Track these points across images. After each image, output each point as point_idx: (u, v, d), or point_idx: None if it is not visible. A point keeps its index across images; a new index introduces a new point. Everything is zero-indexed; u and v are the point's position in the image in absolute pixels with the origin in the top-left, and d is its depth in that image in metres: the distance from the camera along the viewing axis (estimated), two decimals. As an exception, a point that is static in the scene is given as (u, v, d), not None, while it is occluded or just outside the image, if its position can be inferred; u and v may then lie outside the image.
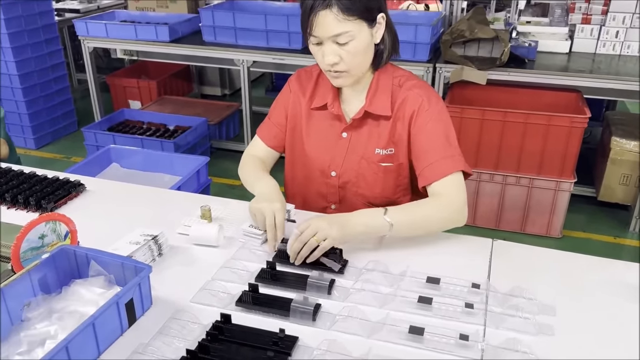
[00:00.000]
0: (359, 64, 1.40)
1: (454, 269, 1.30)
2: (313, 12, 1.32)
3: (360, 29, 1.35)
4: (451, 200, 1.40)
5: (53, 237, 1.27)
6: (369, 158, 1.53)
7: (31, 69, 4.02)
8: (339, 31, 1.32)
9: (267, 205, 1.38)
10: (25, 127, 4.12)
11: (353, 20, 1.32)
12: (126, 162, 2.61)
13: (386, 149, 1.51)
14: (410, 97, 1.47)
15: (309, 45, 1.40)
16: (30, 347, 1.05)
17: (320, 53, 1.38)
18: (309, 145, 1.59)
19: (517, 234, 3.04)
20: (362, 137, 1.53)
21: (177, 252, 1.39)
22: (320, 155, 1.58)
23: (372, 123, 1.51)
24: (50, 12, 4.16)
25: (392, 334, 1.10)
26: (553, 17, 3.48)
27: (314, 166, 1.60)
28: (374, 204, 1.59)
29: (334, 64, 1.37)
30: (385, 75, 1.49)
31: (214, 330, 1.09)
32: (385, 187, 1.56)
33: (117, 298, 1.07)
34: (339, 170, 1.57)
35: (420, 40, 2.97)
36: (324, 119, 1.57)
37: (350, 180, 1.57)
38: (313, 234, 1.28)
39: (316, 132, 1.58)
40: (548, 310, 1.17)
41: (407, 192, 1.60)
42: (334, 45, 1.35)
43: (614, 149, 3.10)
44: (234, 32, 3.47)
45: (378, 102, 1.48)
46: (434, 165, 1.42)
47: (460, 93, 3.03)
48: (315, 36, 1.35)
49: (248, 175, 1.59)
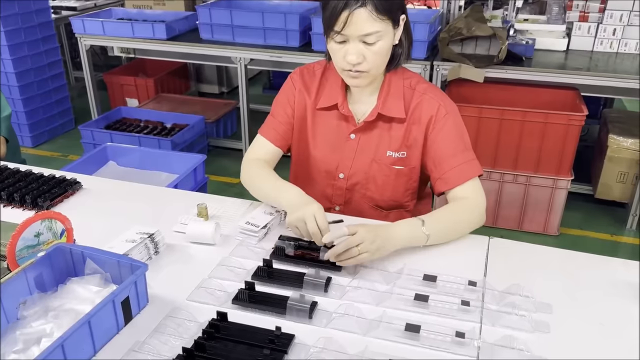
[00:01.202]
0: (380, 65, 1.40)
1: (451, 267, 1.30)
2: (346, 10, 1.28)
3: (387, 30, 1.34)
4: (477, 203, 1.44)
5: (49, 235, 1.27)
6: (380, 160, 1.52)
7: (28, 67, 4.01)
8: (370, 30, 1.30)
9: (304, 211, 1.30)
10: (22, 125, 4.10)
11: (384, 19, 1.31)
12: (123, 160, 2.60)
13: (398, 152, 1.50)
14: (425, 101, 1.47)
15: (329, 42, 1.37)
16: (26, 345, 1.05)
17: (343, 52, 1.35)
18: (314, 146, 1.57)
19: (514, 232, 3.05)
20: (372, 139, 1.52)
21: (173, 250, 1.39)
22: (326, 157, 1.56)
23: (384, 125, 1.50)
24: (47, 10, 4.15)
25: (388, 332, 1.10)
26: (550, 15, 3.48)
27: (319, 167, 1.58)
28: (381, 207, 1.59)
29: (357, 64, 1.35)
30: (396, 77, 1.48)
31: (210, 329, 1.09)
32: (396, 190, 1.55)
33: (113, 296, 1.07)
34: (348, 172, 1.55)
35: (418, 38, 2.97)
36: (330, 120, 1.54)
37: (359, 182, 1.56)
38: (358, 243, 1.23)
39: (322, 132, 1.56)
40: (544, 308, 1.17)
41: (414, 196, 1.60)
42: (360, 45, 1.33)
43: (611, 147, 3.11)
44: (231, 30, 3.46)
45: (391, 105, 1.47)
46: (455, 170, 1.44)
47: (457, 91, 3.02)
48: (343, 34, 1.32)
49: (262, 185, 1.49)
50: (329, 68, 1.55)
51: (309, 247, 1.34)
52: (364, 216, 1.57)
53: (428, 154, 1.49)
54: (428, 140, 1.48)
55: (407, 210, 1.62)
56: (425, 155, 1.50)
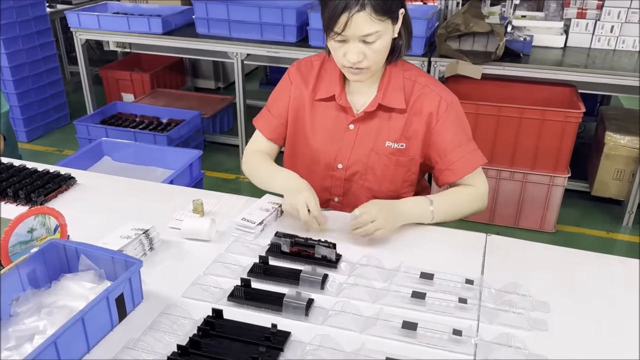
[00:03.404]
0: (380, 61, 1.42)
1: (448, 264, 1.30)
2: (345, 13, 1.29)
3: (387, 28, 1.35)
4: (482, 191, 1.53)
5: (42, 231, 1.26)
6: (379, 150, 1.53)
7: (22, 61, 3.98)
8: (370, 31, 1.32)
9: (295, 198, 1.39)
10: (16, 119, 4.07)
11: (383, 20, 1.32)
12: (118, 155, 2.58)
13: (398, 143, 1.52)
14: (426, 94, 1.49)
15: (329, 40, 1.39)
16: (19, 342, 1.04)
17: (343, 50, 1.37)
18: (313, 137, 1.58)
19: (511, 229, 3.05)
20: (371, 130, 1.53)
21: (168, 246, 1.38)
22: (325, 148, 1.57)
23: (384, 116, 1.51)
24: (42, 4, 4.11)
25: (385, 329, 1.10)
26: (548, 12, 3.47)
27: (318, 158, 1.59)
28: (379, 197, 1.58)
29: (357, 62, 1.37)
30: (396, 69, 1.50)
31: (205, 326, 1.08)
32: (394, 180, 1.56)
33: (107, 293, 1.06)
34: (346, 163, 1.56)
35: (416, 34, 2.93)
36: (328, 111, 1.56)
37: (357, 173, 1.57)
38: (371, 220, 1.33)
39: (321, 124, 1.57)
40: (542, 307, 1.17)
41: (412, 187, 1.61)
42: (359, 44, 1.34)
43: (608, 144, 3.11)
44: (227, 25, 3.44)
45: (392, 96, 1.48)
46: (462, 161, 1.49)
47: (454, 87, 3.00)
48: (343, 35, 1.33)
49: (260, 173, 1.58)
50: (327, 60, 1.55)
51: (305, 244, 1.33)
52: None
53: (432, 147, 1.51)
54: (432, 133, 1.50)
55: None
56: (429, 147, 1.52)
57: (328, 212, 1.53)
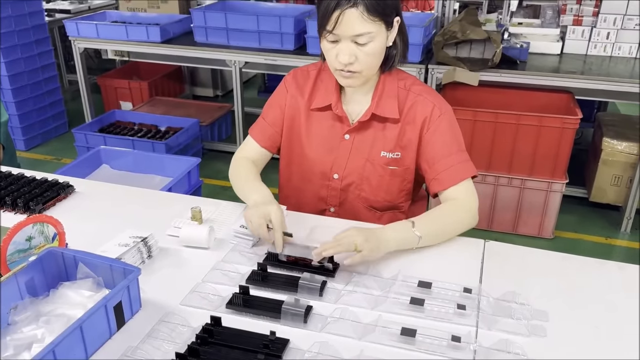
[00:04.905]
0: (372, 66, 1.40)
1: (446, 272, 1.29)
2: (337, 10, 1.29)
3: (380, 31, 1.34)
4: (469, 204, 1.45)
5: (40, 239, 1.26)
6: (374, 160, 1.52)
7: (21, 69, 3.99)
8: (361, 31, 1.31)
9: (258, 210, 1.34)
10: (15, 128, 4.07)
11: (376, 21, 1.32)
12: (117, 164, 2.58)
13: (393, 153, 1.51)
14: (419, 102, 1.47)
15: (322, 42, 1.39)
16: (17, 351, 1.03)
17: (335, 51, 1.36)
18: (308, 147, 1.57)
19: (509, 235, 3.05)
20: (366, 140, 1.52)
21: (167, 254, 1.38)
22: (321, 158, 1.56)
23: (378, 126, 1.50)
24: (41, 13, 4.13)
25: (384, 336, 1.09)
26: (544, 19, 3.50)
27: (313, 168, 1.58)
28: (375, 208, 1.59)
29: (349, 64, 1.36)
30: (390, 78, 1.49)
31: (203, 333, 1.07)
32: (390, 190, 1.55)
33: (105, 301, 1.06)
34: (342, 173, 1.55)
35: (413, 42, 2.97)
36: (324, 120, 1.55)
37: (353, 183, 1.56)
38: (358, 250, 1.25)
39: (316, 133, 1.56)
40: (540, 316, 1.16)
41: (409, 197, 1.60)
42: (351, 45, 1.34)
43: (605, 150, 3.12)
44: (225, 33, 3.46)
45: (385, 105, 1.47)
46: (449, 171, 1.45)
47: (452, 94, 3.03)
48: (335, 34, 1.33)
49: (240, 182, 1.54)
50: (323, 69, 1.55)
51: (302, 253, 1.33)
52: (358, 218, 1.57)
53: (422, 155, 1.50)
54: (422, 141, 1.48)
55: (402, 212, 1.62)
56: (420, 156, 1.51)
57: (325, 220, 1.53)
